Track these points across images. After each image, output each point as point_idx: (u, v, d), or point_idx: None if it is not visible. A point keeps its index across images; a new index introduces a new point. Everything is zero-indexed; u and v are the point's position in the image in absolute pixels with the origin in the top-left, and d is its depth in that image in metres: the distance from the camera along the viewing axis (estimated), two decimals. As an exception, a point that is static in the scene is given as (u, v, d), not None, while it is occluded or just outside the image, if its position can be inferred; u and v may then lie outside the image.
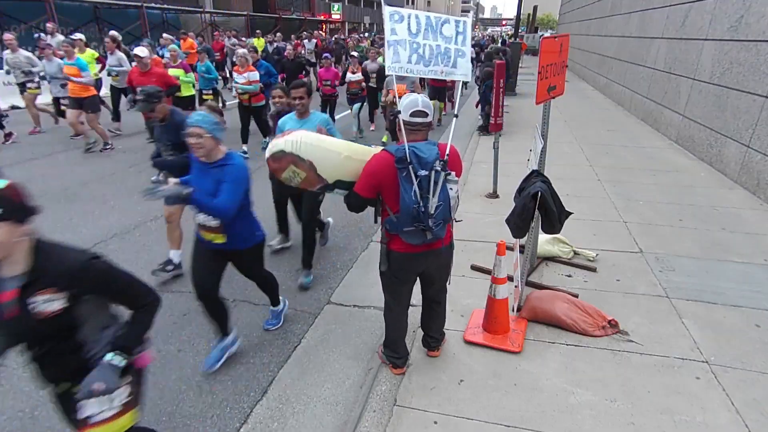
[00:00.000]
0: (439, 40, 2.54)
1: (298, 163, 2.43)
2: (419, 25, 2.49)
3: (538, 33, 31.94)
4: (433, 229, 2.27)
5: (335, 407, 2.68)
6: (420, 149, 2.24)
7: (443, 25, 2.55)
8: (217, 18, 25.16)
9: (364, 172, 2.40)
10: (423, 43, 2.50)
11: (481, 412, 2.51)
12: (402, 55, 2.47)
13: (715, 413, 2.48)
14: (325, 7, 39.80)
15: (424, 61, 2.52)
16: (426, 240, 2.33)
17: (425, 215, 2.23)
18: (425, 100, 2.38)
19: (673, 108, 8.48)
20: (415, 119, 2.35)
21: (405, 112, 2.36)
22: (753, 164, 5.79)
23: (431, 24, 2.52)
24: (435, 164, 2.23)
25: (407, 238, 2.34)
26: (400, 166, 2.24)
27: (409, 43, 2.47)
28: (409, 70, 2.51)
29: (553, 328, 3.15)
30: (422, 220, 2.24)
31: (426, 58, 2.52)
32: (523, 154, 4.22)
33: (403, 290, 2.65)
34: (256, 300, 3.72)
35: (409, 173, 2.22)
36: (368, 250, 4.60)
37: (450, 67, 2.58)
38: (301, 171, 2.46)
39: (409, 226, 2.28)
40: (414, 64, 2.50)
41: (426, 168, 2.22)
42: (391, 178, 2.29)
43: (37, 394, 2.76)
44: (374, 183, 2.36)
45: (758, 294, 3.55)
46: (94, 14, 17.47)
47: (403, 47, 2.46)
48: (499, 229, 3.98)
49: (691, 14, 8.23)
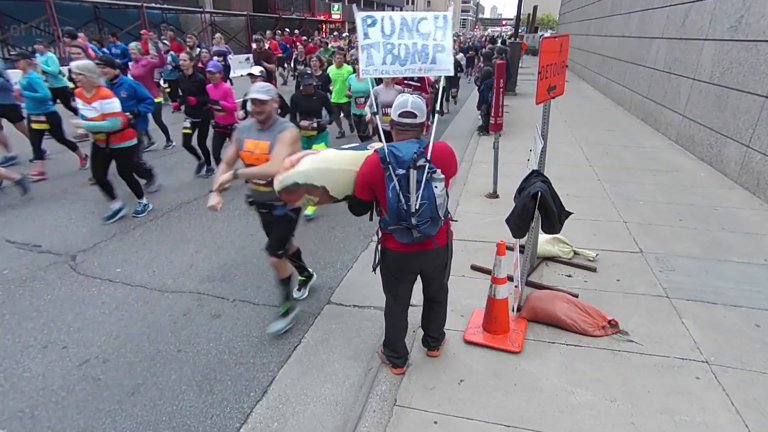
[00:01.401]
0: (416, 38, 2.52)
1: (312, 191, 2.49)
2: (393, 25, 2.48)
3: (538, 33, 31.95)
4: (419, 227, 2.27)
5: (335, 407, 2.68)
6: (398, 148, 2.26)
7: (420, 23, 2.53)
8: (217, 18, 25.16)
9: (358, 174, 2.44)
10: (398, 43, 2.49)
11: (481, 412, 2.51)
12: (375, 58, 2.48)
13: (715, 413, 2.48)
14: (325, 7, 39.80)
15: (399, 61, 2.51)
16: (414, 238, 2.34)
17: (407, 213, 2.25)
18: (416, 100, 2.37)
19: (673, 108, 8.47)
20: (403, 120, 2.36)
21: (394, 112, 2.37)
22: (753, 164, 5.79)
23: (407, 23, 2.51)
24: (416, 162, 2.22)
25: (397, 237, 2.37)
26: (383, 165, 2.27)
27: (383, 45, 2.47)
28: (384, 71, 2.51)
29: (553, 328, 3.15)
30: (405, 218, 2.26)
31: (402, 57, 2.51)
32: (523, 154, 4.22)
33: (402, 289, 2.66)
34: (256, 300, 3.72)
35: (390, 172, 2.25)
36: (368, 250, 4.60)
37: (429, 64, 2.56)
38: (315, 197, 2.53)
39: (395, 225, 2.31)
40: (389, 65, 2.50)
41: (403, 167, 2.23)
42: (379, 177, 2.31)
43: (37, 394, 2.76)
44: (366, 184, 2.40)
45: (758, 294, 3.55)
46: (94, 14, 17.47)
47: (376, 50, 2.47)
48: (499, 229, 3.98)
49: (691, 14, 8.23)
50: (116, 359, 3.05)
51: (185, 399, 2.76)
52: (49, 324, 3.40)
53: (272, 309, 3.60)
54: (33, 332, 3.31)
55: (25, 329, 3.34)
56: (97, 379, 2.89)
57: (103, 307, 3.61)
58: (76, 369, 2.97)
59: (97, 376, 2.91)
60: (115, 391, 2.79)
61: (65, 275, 4.05)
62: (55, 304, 3.66)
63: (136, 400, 2.73)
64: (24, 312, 3.54)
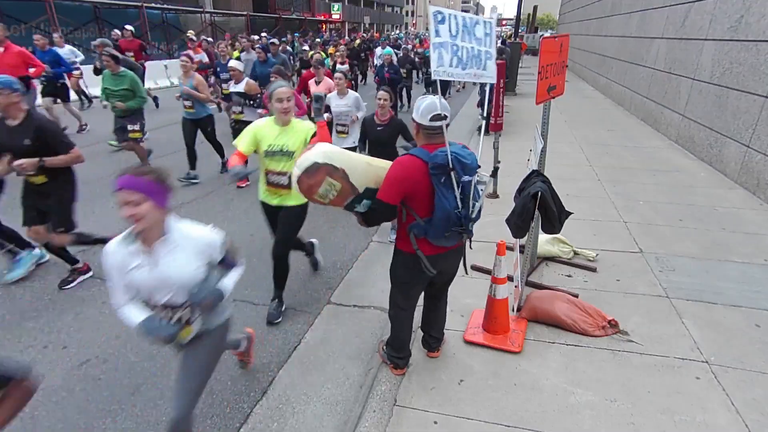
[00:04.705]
0: (473, 42, 2.48)
1: (333, 174, 2.24)
2: (457, 26, 2.40)
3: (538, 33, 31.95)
4: (471, 231, 2.29)
5: (335, 407, 2.68)
6: (462, 155, 2.21)
7: (476, 26, 2.49)
8: (217, 18, 25.16)
9: (390, 178, 2.28)
10: (461, 46, 2.42)
11: (481, 412, 2.51)
12: (445, 59, 2.35)
13: (715, 413, 2.48)
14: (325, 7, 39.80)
15: (461, 64, 2.44)
16: (460, 240, 2.34)
17: (467, 219, 2.23)
18: (443, 102, 2.29)
19: (673, 108, 8.47)
20: (435, 123, 2.27)
21: (424, 116, 2.28)
22: (753, 164, 5.79)
23: (467, 25, 2.44)
24: (477, 169, 2.23)
25: (440, 242, 2.31)
26: (437, 172, 2.19)
27: (450, 46, 2.37)
28: (450, 74, 2.42)
29: (553, 328, 3.15)
30: (463, 224, 2.24)
31: (464, 60, 2.45)
32: (523, 154, 4.22)
33: (416, 291, 2.65)
34: (256, 300, 3.72)
35: (450, 179, 2.18)
36: (368, 250, 4.60)
37: (481, 70, 2.54)
38: (337, 182, 2.27)
39: (445, 231, 2.24)
40: (454, 68, 2.41)
41: (470, 174, 2.21)
42: (424, 184, 2.23)
43: (37, 394, 2.76)
44: (402, 190, 2.26)
45: (758, 294, 3.55)
46: (94, 14, 17.45)
47: (446, 50, 2.35)
48: (499, 229, 3.98)
49: (691, 14, 8.23)
50: (116, 359, 3.05)
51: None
52: (49, 324, 3.40)
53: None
54: (33, 332, 3.31)
55: (25, 329, 3.35)
56: (97, 379, 2.89)
57: (103, 307, 3.60)
58: (76, 369, 2.97)
59: (97, 376, 2.91)
60: (116, 391, 2.79)
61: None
62: (55, 304, 3.65)
63: (136, 400, 2.73)
64: (24, 312, 3.54)
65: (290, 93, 3.14)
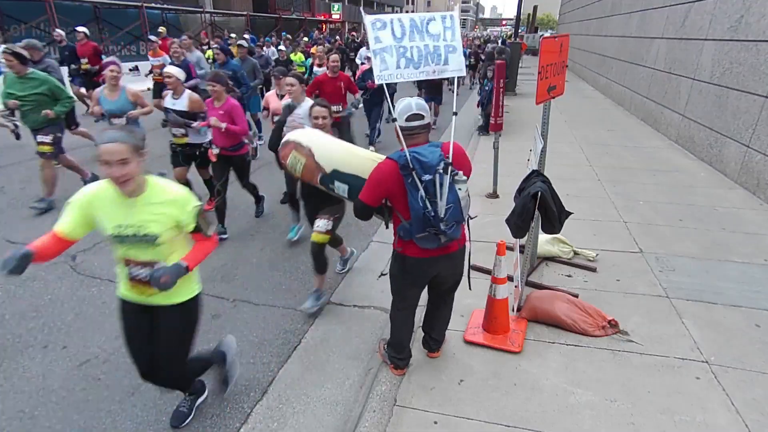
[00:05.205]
0: (427, 40, 2.50)
1: (299, 149, 2.73)
2: (403, 28, 2.45)
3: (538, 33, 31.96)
4: (446, 232, 2.25)
5: (335, 407, 2.68)
6: (421, 153, 2.21)
7: (429, 24, 2.52)
8: (217, 18, 25.16)
9: (369, 181, 2.37)
10: (410, 46, 2.47)
11: (481, 412, 2.51)
12: (389, 62, 2.43)
13: (715, 413, 2.48)
14: (325, 7, 39.79)
15: (413, 64, 2.49)
16: (440, 243, 2.32)
17: (436, 219, 2.21)
18: (419, 102, 2.34)
19: (673, 108, 8.48)
20: (411, 123, 2.32)
21: (400, 118, 2.32)
22: (753, 164, 5.79)
23: (416, 25, 2.49)
24: (438, 167, 2.19)
25: (422, 244, 2.32)
26: (404, 172, 2.21)
27: (395, 48, 2.44)
28: (399, 76, 2.47)
29: (553, 328, 3.15)
30: (434, 225, 2.22)
31: (415, 60, 2.49)
32: (523, 154, 4.22)
33: (413, 293, 2.64)
34: (256, 300, 3.72)
35: (414, 179, 2.19)
36: (368, 250, 4.60)
37: (442, 65, 2.56)
38: (301, 156, 2.71)
39: (421, 232, 2.26)
40: (403, 69, 2.47)
41: (430, 172, 2.18)
42: (398, 185, 2.26)
43: (37, 394, 2.76)
44: (380, 192, 2.34)
45: (758, 294, 3.55)
46: (94, 14, 17.46)
47: (389, 54, 2.42)
48: (499, 229, 3.98)
49: (691, 14, 8.23)
50: (116, 359, 3.05)
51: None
52: (49, 324, 3.40)
53: (272, 309, 3.60)
54: (33, 332, 3.31)
55: (25, 329, 3.35)
56: (97, 379, 2.89)
57: (103, 307, 3.60)
58: (76, 369, 2.97)
59: (97, 376, 2.91)
60: (116, 391, 2.79)
61: (65, 275, 4.05)
62: (55, 304, 3.65)
63: (136, 400, 2.73)
64: (24, 312, 3.54)
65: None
